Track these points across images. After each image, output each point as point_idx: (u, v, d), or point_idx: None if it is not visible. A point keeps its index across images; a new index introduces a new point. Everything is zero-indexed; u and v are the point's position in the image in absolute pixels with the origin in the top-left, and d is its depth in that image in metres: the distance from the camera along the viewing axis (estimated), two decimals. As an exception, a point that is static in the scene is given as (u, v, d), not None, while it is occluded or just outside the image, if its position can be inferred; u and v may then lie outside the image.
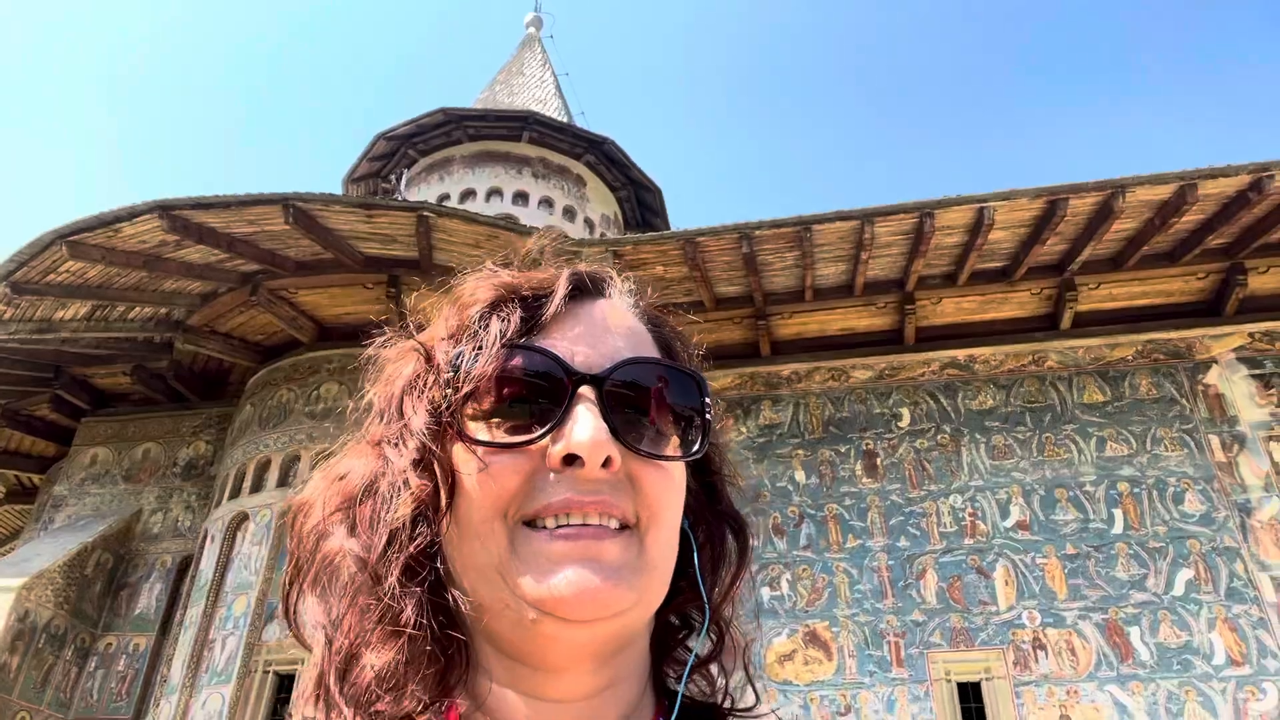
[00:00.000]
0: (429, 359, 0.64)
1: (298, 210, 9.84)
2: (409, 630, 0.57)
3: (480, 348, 0.60)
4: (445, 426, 0.60)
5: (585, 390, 0.59)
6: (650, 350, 0.66)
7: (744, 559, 0.70)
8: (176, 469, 12.99)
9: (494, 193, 16.40)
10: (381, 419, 0.66)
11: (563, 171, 16.97)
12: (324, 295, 11.44)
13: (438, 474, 0.59)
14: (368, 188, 17.46)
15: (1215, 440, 10.32)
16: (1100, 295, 11.06)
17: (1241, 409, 10.43)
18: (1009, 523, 10.27)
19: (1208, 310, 11.05)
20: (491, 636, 0.59)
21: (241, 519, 10.95)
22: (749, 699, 0.69)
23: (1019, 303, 11.32)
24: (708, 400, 0.64)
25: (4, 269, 9.92)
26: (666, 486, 0.60)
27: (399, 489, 0.60)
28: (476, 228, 10.35)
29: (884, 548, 10.36)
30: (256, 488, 11.08)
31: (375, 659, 0.58)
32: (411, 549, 0.58)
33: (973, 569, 10.06)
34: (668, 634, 0.68)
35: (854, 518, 10.62)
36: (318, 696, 0.61)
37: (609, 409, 0.58)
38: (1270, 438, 10.16)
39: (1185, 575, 9.59)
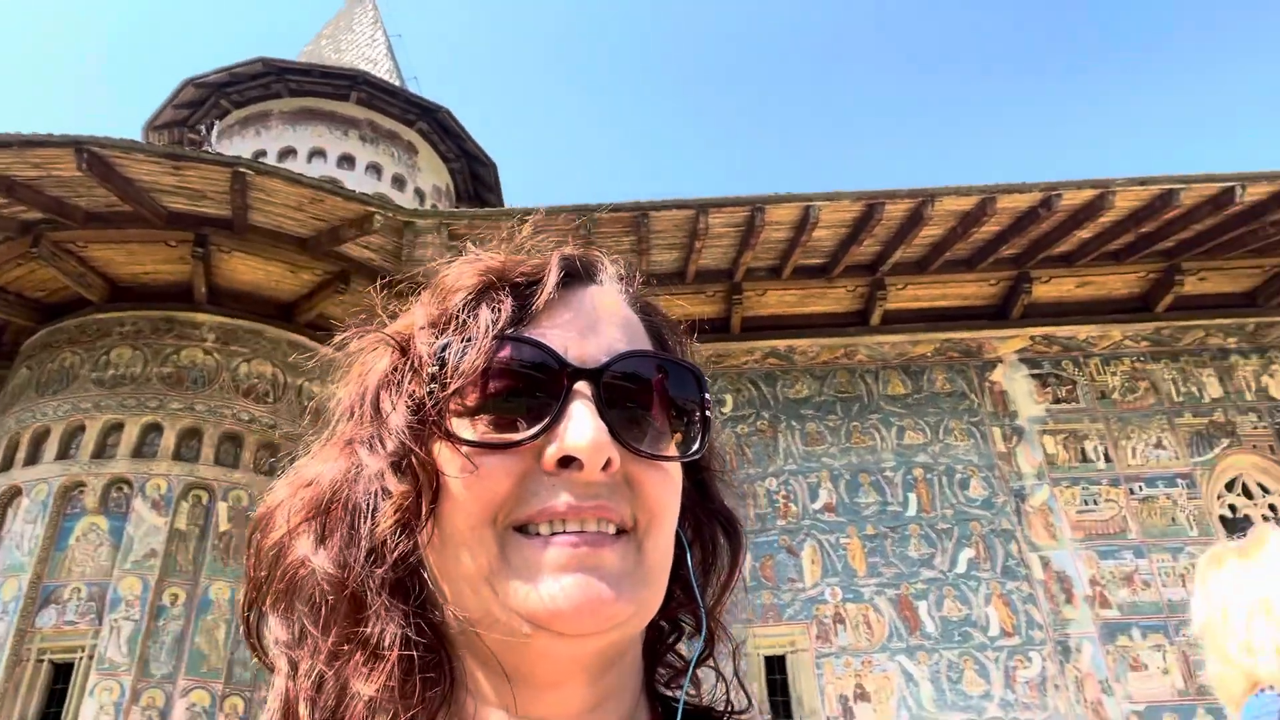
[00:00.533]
0: (404, 351, 0.58)
1: (93, 156, 8.88)
2: (390, 652, 0.52)
3: (469, 339, 0.55)
4: (428, 425, 0.54)
5: (581, 386, 0.54)
6: (644, 341, 0.62)
7: (736, 559, 0.67)
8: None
9: (317, 154, 15.49)
10: (353, 417, 0.59)
11: (393, 137, 16.27)
12: (120, 251, 10.42)
13: (420, 477, 0.54)
14: (171, 136, 16.04)
15: (997, 432, 11.37)
16: (906, 295, 11.88)
17: (1021, 405, 11.55)
18: (817, 505, 10.89)
19: (997, 314, 12.13)
20: (478, 652, 0.54)
21: (14, 494, 9.81)
22: (740, 701, 0.66)
23: (835, 298, 11.98)
24: (708, 395, 0.61)
25: None
26: (666, 488, 0.57)
27: (377, 495, 0.54)
28: (300, 189, 9.74)
29: (702, 529, 10.69)
30: (32, 460, 9.97)
31: (356, 685, 0.52)
32: (389, 561, 0.53)
33: (783, 549, 10.60)
34: (658, 638, 0.65)
35: (675, 499, 10.90)
36: None
37: (606, 405, 0.54)
38: (1044, 431, 11.32)
39: (967, 554, 10.53)
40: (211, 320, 10.82)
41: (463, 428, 0.54)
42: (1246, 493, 11.10)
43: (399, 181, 15.91)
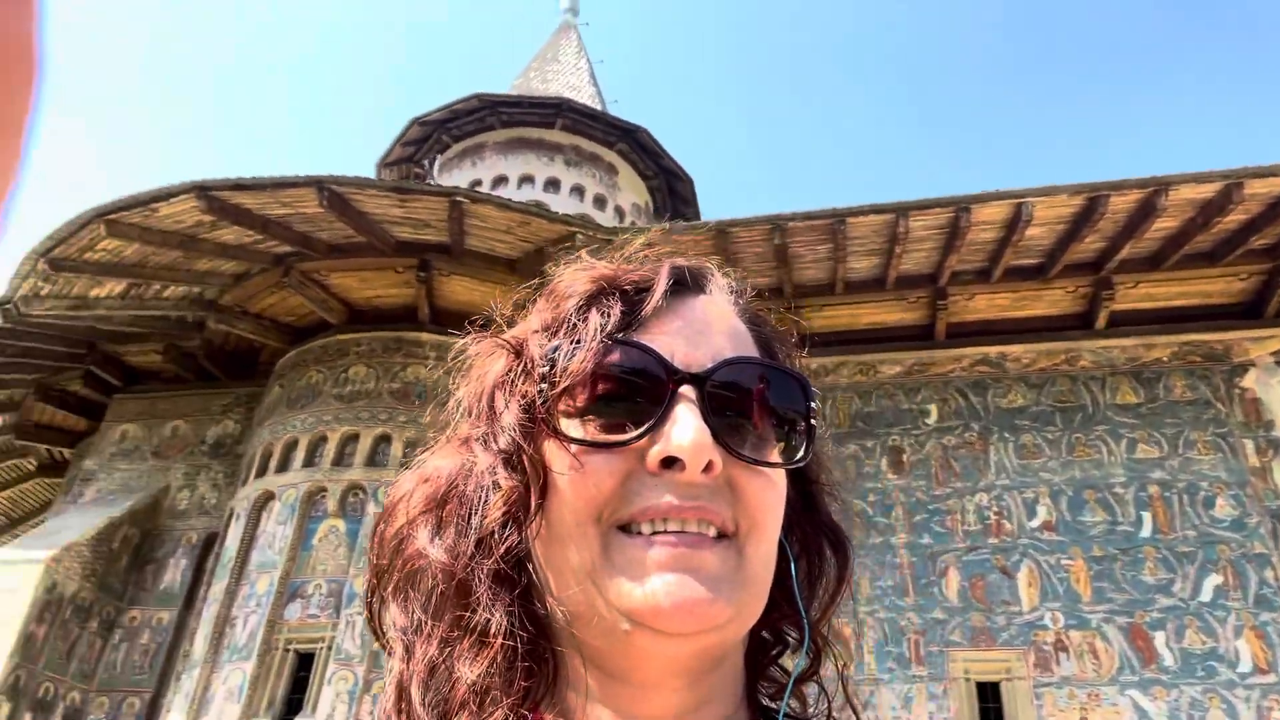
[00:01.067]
0: (519, 354, 0.61)
1: (332, 193, 9.89)
2: (496, 640, 0.54)
3: (578, 341, 0.57)
4: (538, 423, 0.57)
5: (686, 390, 0.55)
6: (751, 350, 0.62)
7: (844, 574, 0.66)
8: (204, 447, 13.13)
9: (525, 179, 16.41)
10: (471, 416, 0.63)
11: (594, 159, 16.95)
12: (355, 278, 11.50)
13: (529, 473, 0.56)
14: (400, 172, 17.53)
15: (1249, 445, 10.16)
16: (1137, 295, 10.89)
17: (1278, 414, 10.26)
18: (1035, 523, 10.18)
19: (1247, 312, 10.86)
20: (580, 646, 0.56)
21: (267, 498, 11.06)
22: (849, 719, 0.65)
23: (1053, 300, 11.18)
24: (813, 405, 0.60)
25: (42, 246, 10.05)
26: (768, 494, 0.57)
27: (488, 490, 0.57)
28: (509, 214, 10.36)
29: (907, 544, 10.30)
30: (283, 468, 11.19)
31: (461, 671, 0.55)
32: (499, 553, 0.56)
33: (996, 568, 9.98)
34: (761, 650, 0.65)
35: (878, 514, 10.56)
36: (400, 709, 0.58)
37: (710, 410, 0.55)
38: (1308, 444, 10.00)
39: (1214, 581, 9.46)
40: (433, 339, 11.69)
41: (571, 427, 0.56)
42: None
43: (600, 201, 16.54)
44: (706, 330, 0.60)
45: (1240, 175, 9.06)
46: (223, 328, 12.35)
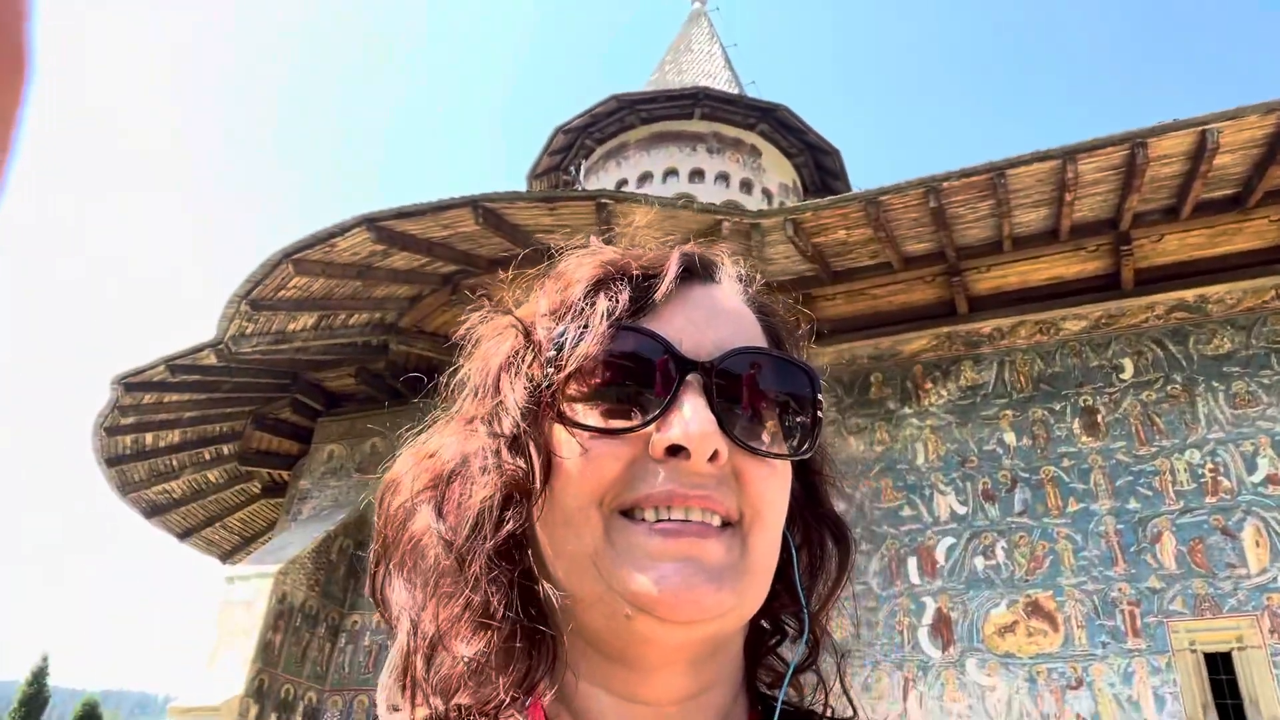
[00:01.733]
0: (528, 336, 0.61)
1: (486, 210, 10.34)
2: (496, 620, 0.56)
3: (586, 326, 0.57)
4: (543, 407, 0.57)
5: (693, 378, 0.56)
6: (759, 340, 0.63)
7: (844, 566, 0.66)
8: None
9: (670, 173, 16.51)
10: (476, 396, 0.64)
11: (737, 144, 16.82)
12: (515, 290, 11.96)
13: (532, 455, 0.57)
14: (550, 181, 18.08)
15: None
16: (1359, 214, 9.67)
17: None
18: (1257, 477, 9.23)
19: None
20: (582, 630, 0.57)
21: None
22: (846, 711, 0.65)
23: (1255, 232, 10.09)
24: (820, 396, 0.60)
25: (242, 289, 11.08)
26: (772, 485, 0.57)
27: (491, 471, 0.58)
28: (653, 210, 10.45)
29: (1111, 511, 9.59)
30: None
31: (461, 649, 0.56)
32: (500, 534, 0.57)
33: (1217, 529, 9.13)
34: (760, 639, 0.65)
35: (1074, 480, 9.90)
36: (404, 684, 0.59)
37: (717, 399, 0.55)
38: None
39: None
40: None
41: (577, 412, 0.57)
42: None
43: (746, 185, 16.39)
44: (715, 319, 0.61)
45: None
46: (404, 348, 13.17)
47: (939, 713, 9.14)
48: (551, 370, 0.57)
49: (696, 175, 16.40)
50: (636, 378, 0.57)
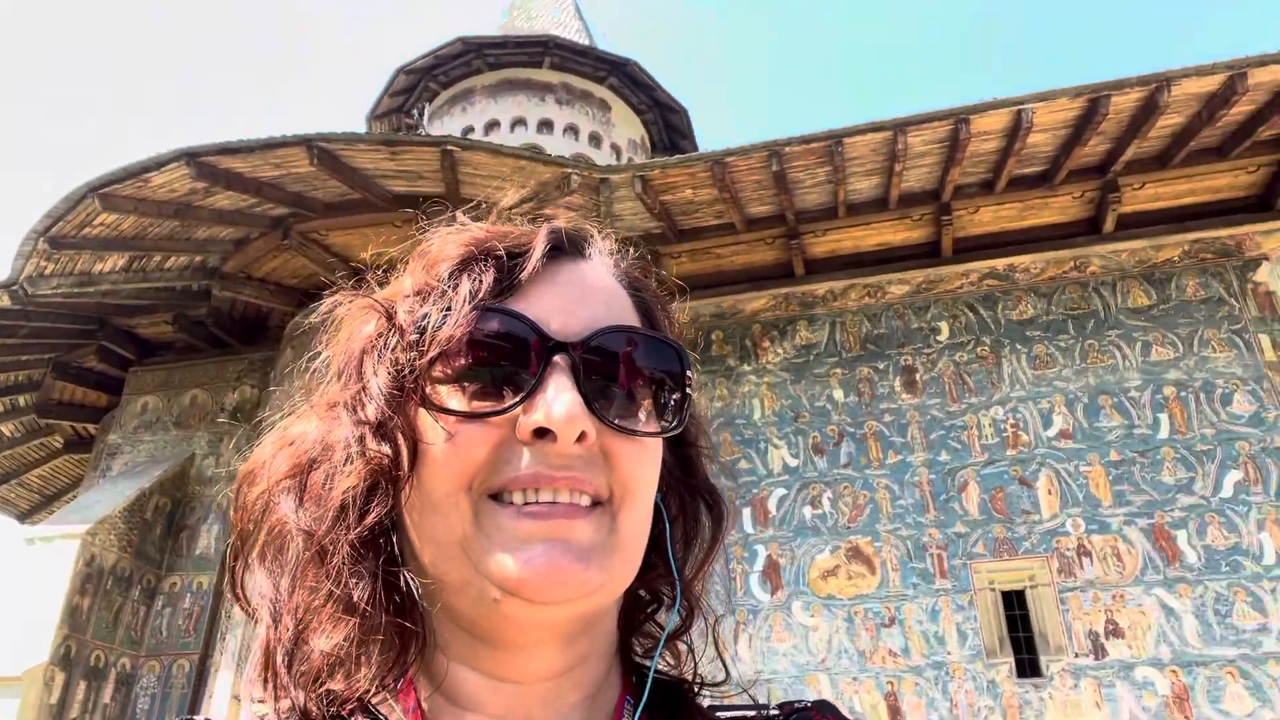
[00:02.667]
0: (390, 318, 0.59)
1: (321, 151, 9.79)
2: (359, 611, 0.54)
3: (449, 308, 0.56)
4: (408, 391, 0.56)
5: (560, 359, 0.55)
6: (631, 317, 0.62)
7: (718, 535, 0.67)
8: (224, 413, 13.28)
9: (518, 122, 16.18)
10: (338, 380, 0.61)
11: (586, 97, 16.66)
12: (355, 236, 11.44)
13: (398, 442, 0.56)
14: (391, 124, 17.32)
15: (1266, 339, 10.07)
16: (1145, 195, 10.70)
17: (1294, 306, 10.14)
18: (1051, 432, 10.18)
19: (1258, 205, 10.66)
20: (451, 614, 0.57)
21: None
22: (719, 675, 0.67)
23: (1060, 208, 11.00)
24: (689, 373, 0.60)
25: (41, 225, 10.05)
26: (642, 462, 0.57)
27: (355, 458, 0.56)
28: (502, 159, 10.23)
29: (925, 462, 10.34)
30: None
31: (325, 640, 0.55)
32: (365, 523, 0.55)
33: (1015, 479, 10.02)
34: (636, 608, 0.66)
35: (894, 434, 10.59)
36: (265, 678, 0.58)
37: (585, 379, 0.55)
38: (1325, 334, 9.89)
39: (1234, 477, 9.48)
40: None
41: (442, 396, 0.55)
42: None
43: (595, 139, 16.31)
44: (584, 297, 0.60)
45: (1243, 65, 8.80)
46: (228, 294, 12.38)
47: (766, 653, 9.66)
48: (414, 354, 0.56)
49: (545, 126, 16.15)
50: (502, 359, 0.56)
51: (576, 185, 10.33)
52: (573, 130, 16.27)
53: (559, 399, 0.53)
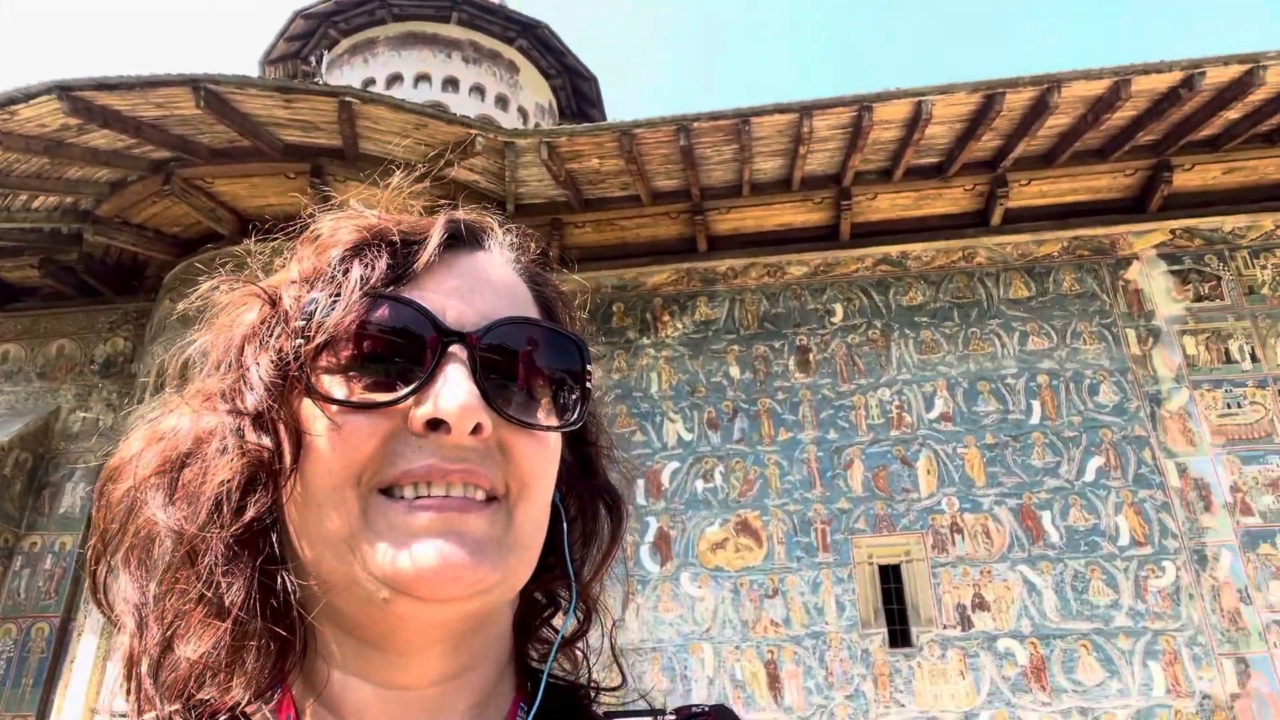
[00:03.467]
0: (275, 304, 0.56)
1: (209, 93, 9.25)
2: (235, 612, 0.51)
3: (339, 294, 0.53)
4: (292, 381, 0.53)
5: (456, 349, 0.53)
6: (530, 310, 0.60)
7: (617, 536, 0.66)
8: (94, 366, 12.54)
9: (422, 78, 15.69)
10: (216, 370, 0.58)
11: (495, 57, 16.26)
12: (243, 185, 10.91)
13: (280, 433, 0.52)
14: (286, 70, 16.53)
15: (1132, 334, 10.71)
16: (1031, 192, 11.19)
17: (1159, 304, 10.81)
18: (933, 414, 10.61)
19: (1133, 207, 11.29)
20: (335, 616, 0.53)
21: (166, 417, 10.66)
22: (614, 679, 0.66)
23: (952, 199, 11.40)
24: (589, 367, 0.59)
25: (-113, 153, 9.20)
26: (540, 457, 0.56)
27: (232, 451, 0.53)
28: (404, 115, 9.89)
29: (814, 440, 10.64)
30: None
31: (194, 647, 0.51)
32: (241, 520, 0.52)
33: (897, 459, 10.42)
34: (532, 612, 0.64)
35: (786, 411, 10.84)
36: (129, 689, 0.54)
37: (481, 371, 0.53)
38: (1183, 331, 10.59)
39: (1096, 463, 10.08)
40: (331, 248, 11.26)
41: (330, 385, 0.53)
42: None
43: (502, 101, 15.97)
44: (481, 288, 0.58)
45: (1128, 72, 9.27)
46: (102, 240, 11.61)
47: (653, 622, 9.81)
48: (300, 341, 0.53)
49: (450, 84, 15.71)
50: (395, 349, 0.53)
51: (481, 147, 10.10)
52: (479, 90, 15.89)
53: (454, 390, 0.51)
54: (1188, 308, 10.73)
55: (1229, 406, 10.10)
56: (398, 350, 0.53)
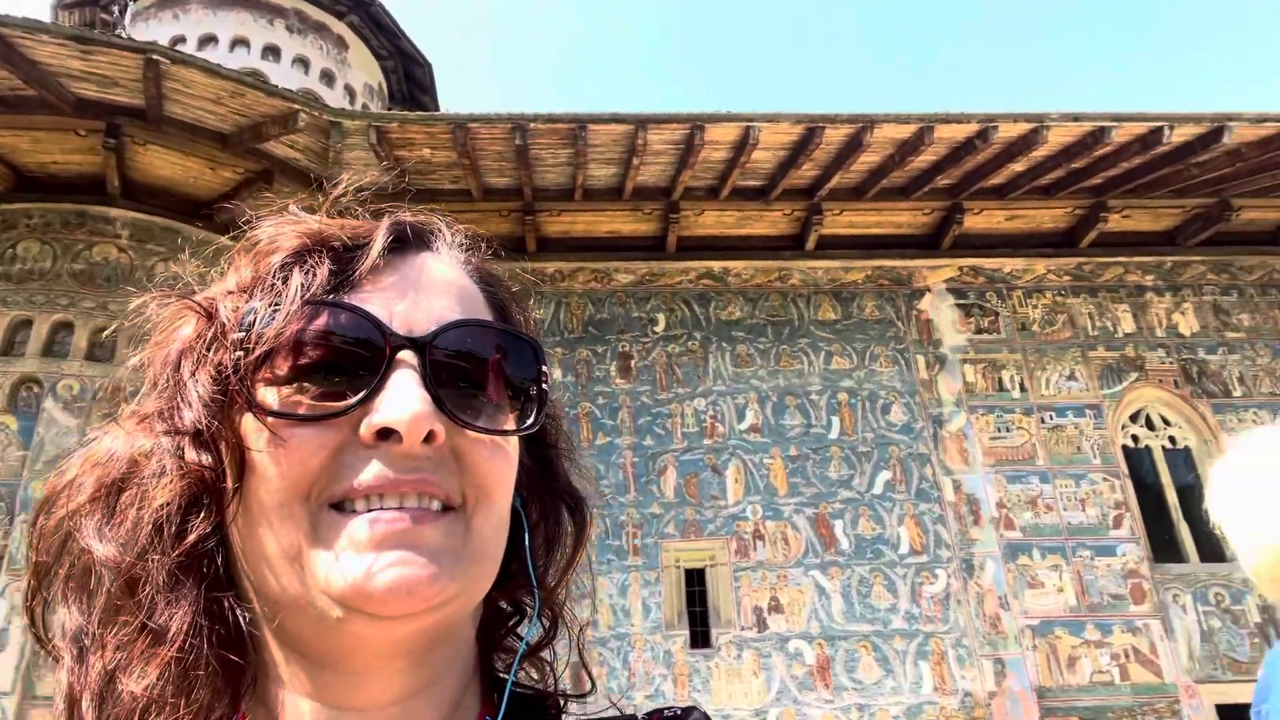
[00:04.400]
0: (211, 317, 0.54)
1: (-9, 33, 8.26)
2: (180, 640, 0.48)
3: (279, 303, 0.51)
4: (232, 395, 0.50)
5: (406, 355, 0.51)
6: (482, 312, 0.59)
7: (581, 540, 0.65)
8: None
9: (240, 43, 14.67)
10: (152, 390, 0.55)
11: (322, 30, 15.45)
12: (25, 138, 9.81)
13: (222, 451, 0.50)
14: (83, 17, 14.97)
15: (921, 360, 11.66)
16: (842, 221, 11.94)
17: (945, 334, 11.83)
18: (744, 426, 11.11)
19: (929, 243, 12.29)
20: (287, 638, 0.51)
21: (-88, 391, 9.40)
22: (584, 684, 0.65)
23: (772, 222, 11.97)
24: (544, 369, 0.58)
25: None
26: (497, 463, 0.54)
27: (167, 471, 0.51)
28: (219, 82, 9.24)
29: (630, 445, 10.86)
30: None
31: (137, 680, 0.49)
32: (183, 545, 0.50)
33: (709, 467, 10.82)
34: (497, 620, 0.63)
35: (605, 416, 11.01)
36: None
37: (432, 376, 0.51)
38: (965, 360, 11.65)
39: (885, 476, 10.90)
40: (125, 216, 10.33)
41: (274, 398, 0.50)
42: (1149, 424, 11.65)
43: (328, 77, 15.20)
44: (430, 291, 0.56)
45: (933, 120, 10.11)
46: None
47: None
48: (239, 354, 0.50)
49: (271, 53, 14.77)
50: (341, 357, 0.51)
51: (304, 124, 9.60)
52: (303, 63, 15.05)
53: (404, 397, 0.49)
54: (969, 339, 11.81)
55: (999, 430, 11.22)
56: (344, 359, 0.51)
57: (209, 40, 14.59)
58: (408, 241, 0.59)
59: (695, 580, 10.34)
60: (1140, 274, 12.32)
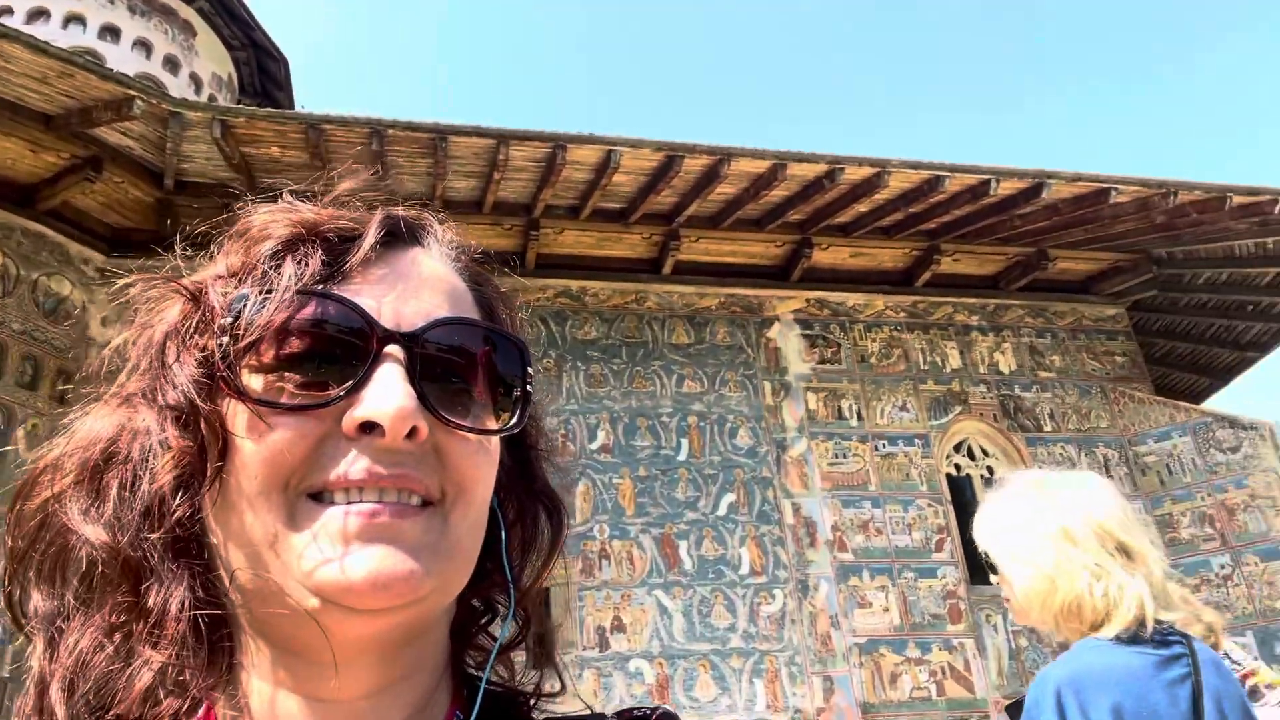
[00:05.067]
0: (199, 300, 0.54)
1: None
2: (153, 624, 0.49)
3: (269, 291, 0.51)
4: (218, 380, 0.51)
5: (393, 349, 0.52)
6: (470, 310, 0.60)
7: (557, 541, 0.66)
8: None
9: (75, 19, 13.66)
10: (136, 371, 0.55)
11: (168, 13, 14.60)
12: None
13: (204, 435, 0.51)
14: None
15: (768, 386, 12.09)
16: (699, 248, 12.26)
17: (791, 362, 12.32)
18: (595, 445, 11.17)
19: (779, 275, 12.79)
20: (261, 627, 0.52)
21: None
22: (554, 685, 0.66)
23: (631, 245, 12.16)
24: (530, 370, 0.59)
25: None
26: (478, 461, 0.54)
27: (156, 451, 0.51)
28: (46, 60, 8.56)
29: (479, 462, 10.71)
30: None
31: (108, 666, 0.49)
32: (164, 526, 0.50)
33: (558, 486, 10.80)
34: (470, 619, 0.63)
35: (454, 432, 10.82)
36: (40, 710, 0.51)
37: (418, 371, 0.52)
38: (808, 388, 12.16)
39: (729, 498, 11.20)
40: (-73, 196, 9.40)
41: (258, 385, 0.51)
42: (970, 454, 12.51)
43: (171, 64, 14.35)
44: (419, 286, 0.57)
45: (786, 158, 10.56)
46: None
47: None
48: (227, 339, 0.51)
49: (110, 33, 13.83)
50: (328, 348, 0.51)
51: (140, 112, 9.02)
52: (144, 46, 14.16)
53: (389, 392, 0.50)
54: (813, 368, 12.35)
55: (837, 456, 11.75)
56: (331, 350, 0.51)
57: (40, 14, 13.53)
58: (400, 236, 0.60)
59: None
60: (967, 314, 13.23)
